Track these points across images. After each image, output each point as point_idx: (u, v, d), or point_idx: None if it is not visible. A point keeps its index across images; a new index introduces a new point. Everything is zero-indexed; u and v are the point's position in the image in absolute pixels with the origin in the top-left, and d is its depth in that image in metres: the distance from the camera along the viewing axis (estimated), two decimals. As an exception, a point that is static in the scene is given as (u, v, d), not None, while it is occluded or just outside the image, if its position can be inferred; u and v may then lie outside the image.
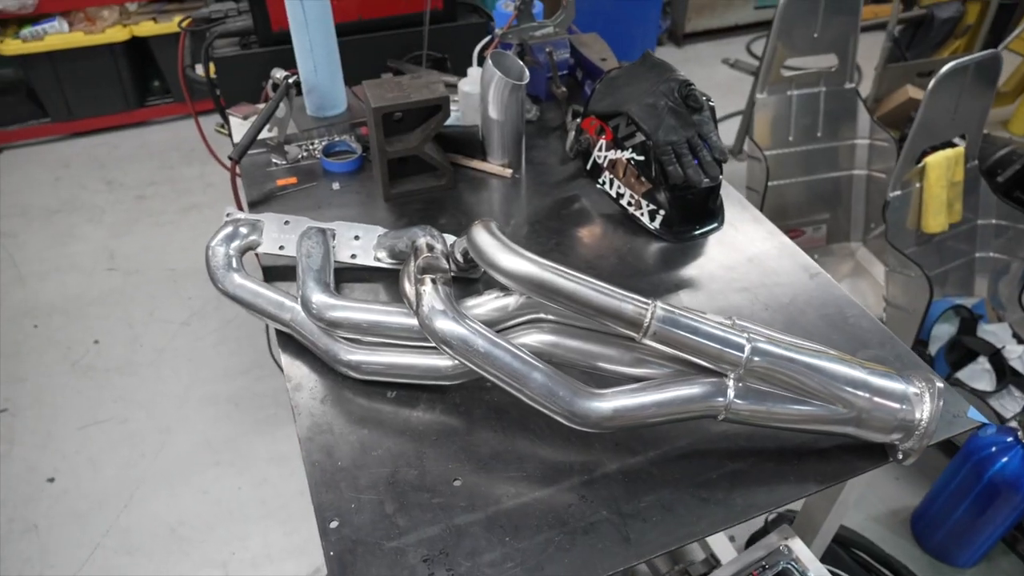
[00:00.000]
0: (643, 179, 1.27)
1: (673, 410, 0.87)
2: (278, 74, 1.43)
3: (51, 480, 2.07)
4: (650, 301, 0.86)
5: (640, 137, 1.25)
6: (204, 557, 1.89)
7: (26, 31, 3.21)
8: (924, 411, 0.87)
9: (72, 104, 3.50)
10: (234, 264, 1.15)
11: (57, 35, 3.24)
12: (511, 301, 0.96)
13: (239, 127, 1.53)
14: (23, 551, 1.90)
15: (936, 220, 2.04)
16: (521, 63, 1.39)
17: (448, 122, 1.50)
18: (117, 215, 3.10)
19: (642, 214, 1.30)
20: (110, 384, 2.36)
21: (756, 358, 0.84)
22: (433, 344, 0.92)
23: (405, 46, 1.80)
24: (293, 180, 1.45)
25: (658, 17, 3.62)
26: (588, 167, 1.41)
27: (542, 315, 0.95)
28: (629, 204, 1.32)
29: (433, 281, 0.94)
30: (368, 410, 1.01)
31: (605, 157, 1.34)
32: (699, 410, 0.87)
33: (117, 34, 3.32)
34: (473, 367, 0.89)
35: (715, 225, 1.32)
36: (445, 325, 0.89)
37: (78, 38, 3.27)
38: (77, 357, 2.45)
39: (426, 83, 1.33)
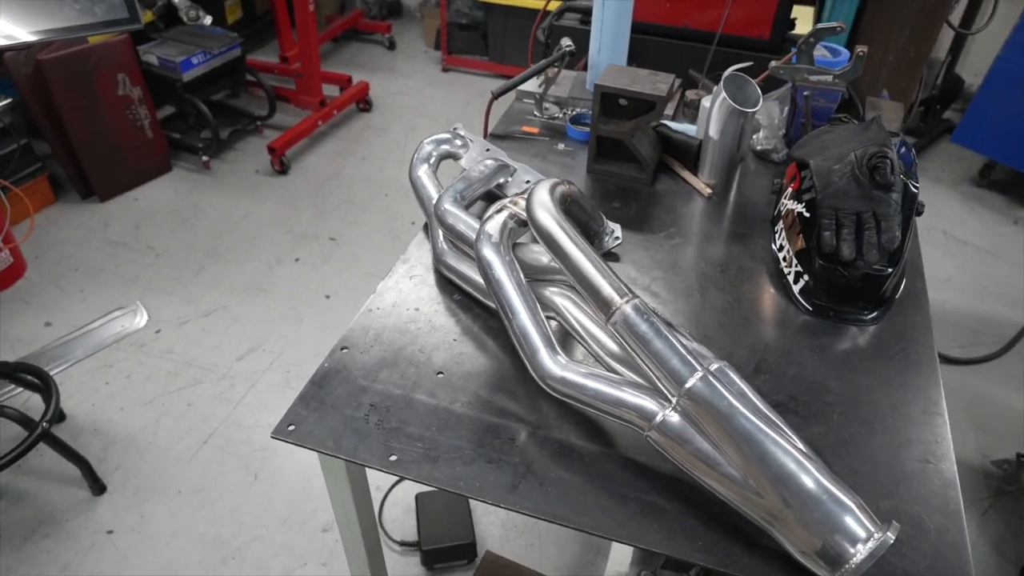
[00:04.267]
0: (802, 237, 1.20)
1: (606, 405, 0.89)
2: (564, 42, 1.65)
3: (328, 297, 2.71)
4: (631, 294, 0.88)
5: (814, 193, 1.18)
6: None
7: (502, -14, 3.97)
8: (858, 556, 0.74)
9: (506, 50, 4.24)
10: (430, 161, 1.43)
11: (516, -6, 3.95)
12: (553, 256, 1.05)
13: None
14: (287, 333, 2.56)
15: None
16: (759, 94, 1.39)
17: (681, 129, 1.57)
18: (486, 143, 3.72)
19: (789, 273, 1.22)
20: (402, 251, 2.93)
21: (696, 395, 0.82)
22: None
23: (722, 63, 1.86)
24: (535, 130, 1.68)
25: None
26: (774, 212, 1.36)
27: (571, 280, 1.03)
28: (783, 259, 1.25)
29: (509, 215, 1.08)
30: (432, 299, 1.21)
31: (784, 205, 1.28)
32: (628, 418, 0.87)
33: (554, 4, 3.90)
34: (486, 286, 1.02)
35: (864, 319, 1.17)
36: (485, 248, 1.03)
37: (528, 0, 3.93)
38: (395, 226, 3.09)
39: (654, 81, 1.42)
